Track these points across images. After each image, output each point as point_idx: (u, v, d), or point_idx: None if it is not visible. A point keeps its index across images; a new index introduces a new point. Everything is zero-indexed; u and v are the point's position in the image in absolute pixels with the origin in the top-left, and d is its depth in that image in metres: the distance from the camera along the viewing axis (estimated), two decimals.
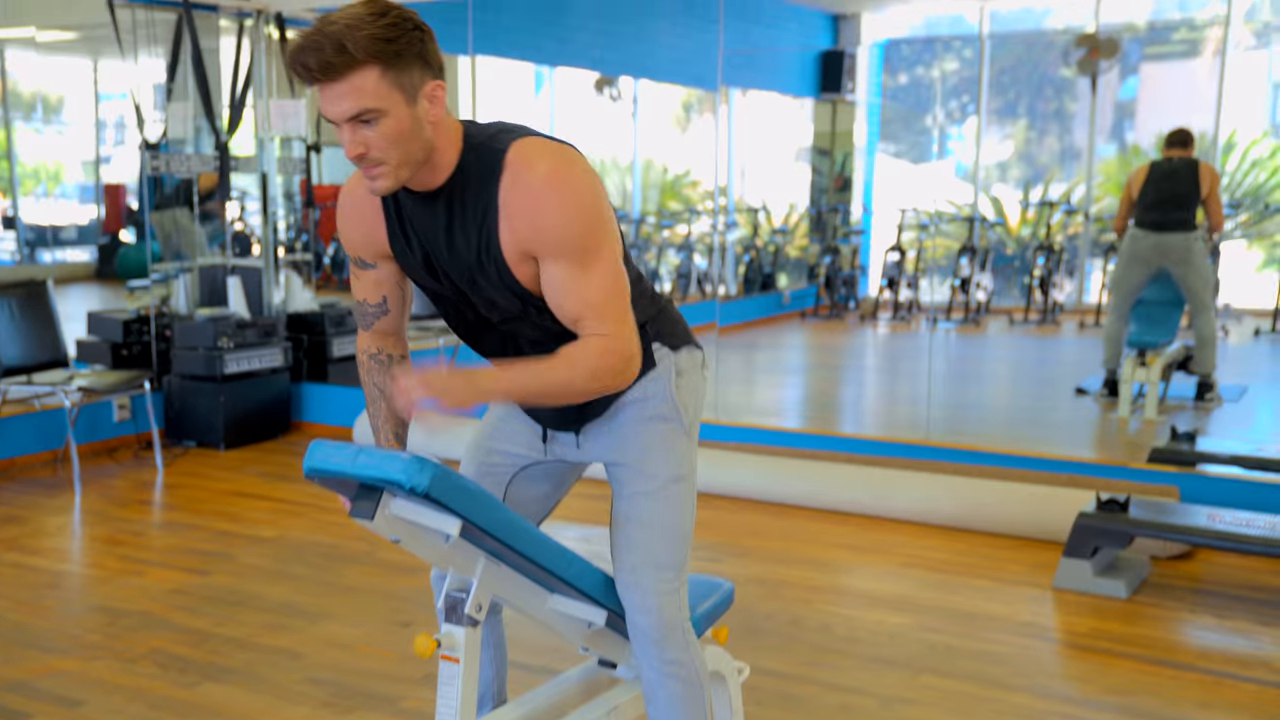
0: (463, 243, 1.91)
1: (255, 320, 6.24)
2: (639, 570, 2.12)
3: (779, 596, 3.93)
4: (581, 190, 1.84)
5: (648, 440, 2.12)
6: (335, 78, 1.73)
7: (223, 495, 5.24)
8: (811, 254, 12.43)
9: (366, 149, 1.79)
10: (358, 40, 1.71)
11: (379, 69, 1.73)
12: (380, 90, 1.74)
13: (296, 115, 6.58)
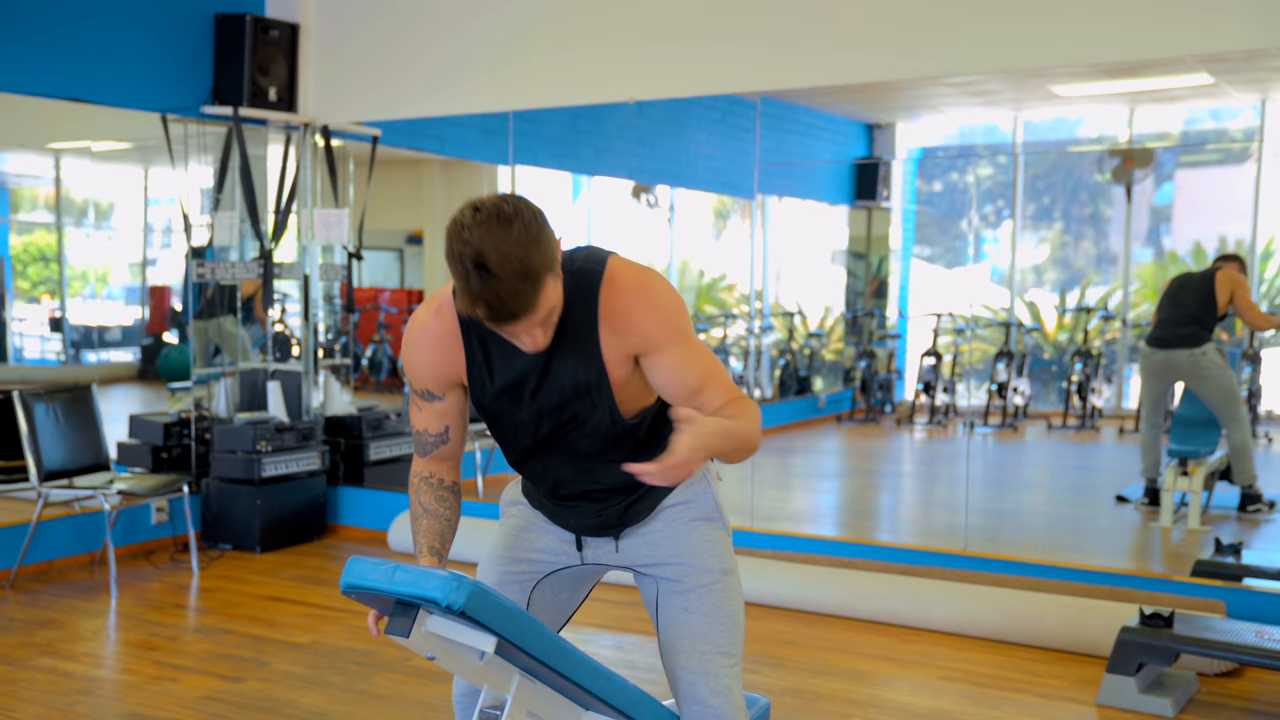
0: (565, 363, 2.03)
1: (294, 424, 6.29)
2: (708, 658, 2.16)
3: (816, 710, 3.87)
4: (668, 289, 2.04)
5: (697, 540, 2.21)
6: (533, 312, 1.86)
7: (257, 600, 5.24)
8: (847, 357, 12.43)
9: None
10: (529, 260, 1.82)
11: (551, 275, 1.87)
12: (551, 287, 1.88)
13: (340, 224, 6.71)
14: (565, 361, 2.04)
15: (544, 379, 2.06)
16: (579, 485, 2.19)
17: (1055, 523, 6.85)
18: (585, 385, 2.05)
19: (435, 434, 2.19)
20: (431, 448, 2.21)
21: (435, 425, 2.18)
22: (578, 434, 2.11)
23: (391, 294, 10.95)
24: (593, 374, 2.04)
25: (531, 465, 2.20)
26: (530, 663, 1.99)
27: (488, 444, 7.29)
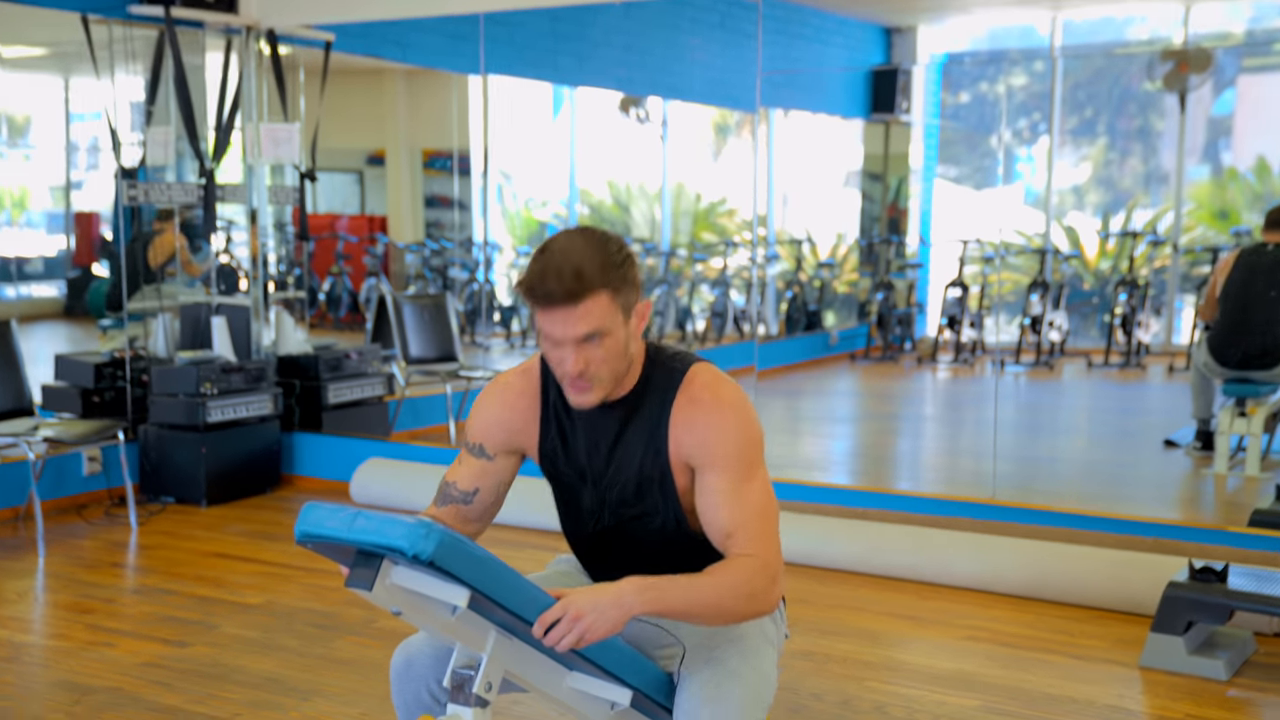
0: (631, 453, 2.22)
1: (242, 364, 6.28)
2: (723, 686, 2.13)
3: (828, 673, 3.90)
4: (748, 414, 2.19)
5: (742, 630, 2.26)
6: (574, 303, 2.05)
7: (203, 557, 5.25)
8: (862, 290, 12.42)
9: (588, 365, 2.11)
10: (591, 265, 2.06)
11: (609, 293, 2.08)
12: (609, 311, 2.08)
13: (290, 141, 6.65)
14: (633, 449, 2.22)
15: (609, 462, 2.24)
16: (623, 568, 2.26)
17: (1094, 470, 6.89)
18: (650, 480, 2.21)
19: (461, 490, 2.33)
20: (450, 501, 2.33)
21: (466, 483, 2.33)
22: (640, 533, 2.26)
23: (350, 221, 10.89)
24: (657, 470, 2.20)
25: (591, 559, 2.37)
26: (507, 618, 1.99)
27: (460, 386, 7.30)
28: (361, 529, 1.92)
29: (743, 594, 2.09)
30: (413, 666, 2.25)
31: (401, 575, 1.96)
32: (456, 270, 10.61)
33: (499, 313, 11.02)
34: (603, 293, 2.07)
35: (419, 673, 2.24)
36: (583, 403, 2.16)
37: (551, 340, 2.11)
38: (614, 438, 2.24)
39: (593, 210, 12.35)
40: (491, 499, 2.35)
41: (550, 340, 2.11)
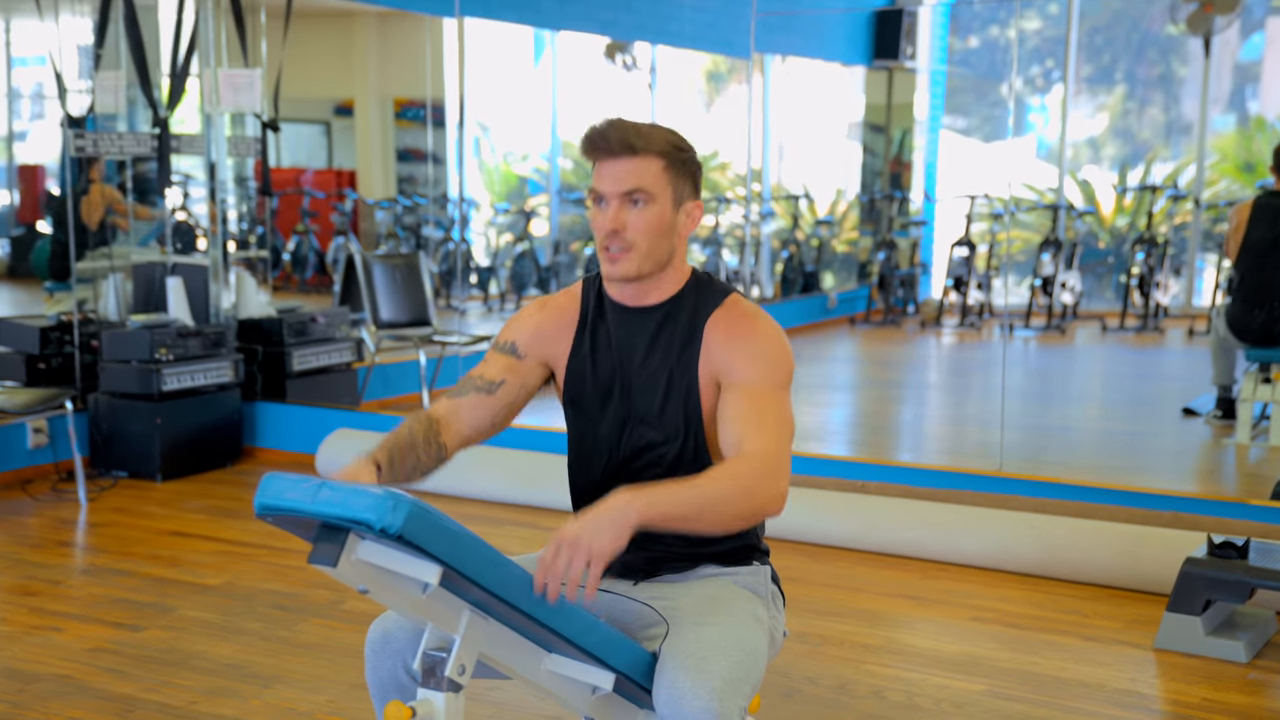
0: (661, 359, 2.34)
1: (200, 328, 6.26)
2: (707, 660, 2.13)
3: (822, 656, 3.92)
4: (784, 344, 2.33)
5: (731, 594, 2.33)
6: (627, 155, 2.25)
7: (158, 535, 5.25)
8: (863, 249, 12.43)
9: (624, 227, 2.26)
10: (656, 135, 2.28)
11: (664, 163, 2.27)
12: (659, 180, 2.26)
13: (251, 88, 6.61)
14: (665, 355, 2.34)
15: (642, 368, 2.35)
16: (632, 549, 2.28)
17: (1108, 440, 6.91)
18: (676, 391, 2.32)
19: (487, 380, 2.40)
20: (470, 392, 2.39)
21: (493, 373, 2.41)
22: (654, 471, 2.32)
23: (316, 175, 10.85)
24: (685, 382, 2.32)
25: (593, 493, 2.35)
26: (482, 596, 1.99)
27: (434, 352, 7.29)
28: (325, 500, 1.91)
29: (739, 489, 2.12)
30: (390, 642, 2.26)
31: (369, 550, 1.95)
32: (430, 228, 10.57)
33: (476, 274, 11.00)
34: (658, 159, 2.26)
35: (397, 649, 2.24)
36: (615, 272, 2.29)
37: (598, 197, 2.28)
38: (649, 340, 2.36)
39: (576, 164, 12.31)
40: (514, 397, 2.41)
41: (596, 197, 2.28)
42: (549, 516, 5.44)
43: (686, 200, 2.32)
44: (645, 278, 2.32)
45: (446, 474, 2.41)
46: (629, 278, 2.31)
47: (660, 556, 2.38)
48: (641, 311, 2.36)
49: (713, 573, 2.40)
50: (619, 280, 2.32)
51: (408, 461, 2.28)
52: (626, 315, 2.38)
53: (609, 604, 2.36)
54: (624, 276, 2.30)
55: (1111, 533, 4.61)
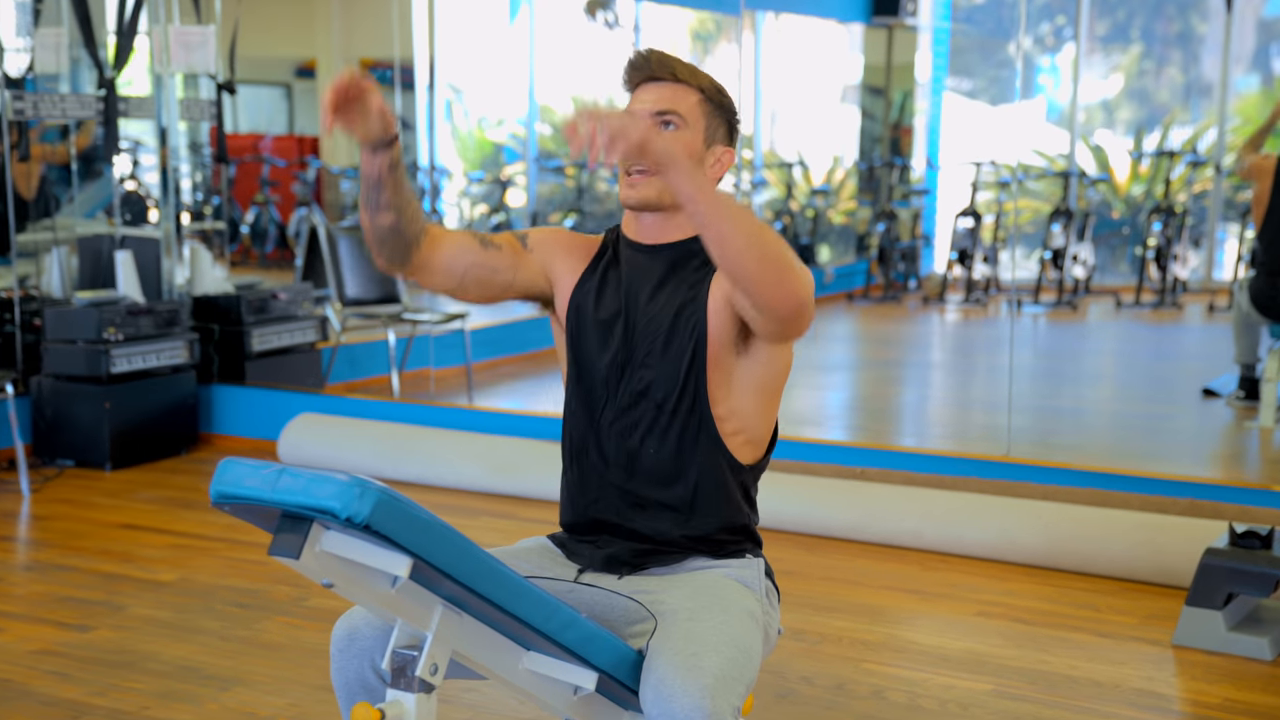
0: (669, 297, 2.38)
1: (151, 305, 6.23)
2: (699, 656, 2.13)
3: (819, 655, 3.92)
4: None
5: (723, 587, 2.34)
6: (667, 79, 2.36)
7: (108, 528, 5.23)
8: (861, 220, 12.42)
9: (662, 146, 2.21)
10: (697, 71, 2.39)
11: (701, 97, 2.37)
12: (694, 110, 2.36)
13: (204, 47, 6.57)
14: (670, 296, 2.37)
15: (650, 300, 2.39)
16: (617, 510, 2.41)
17: (1123, 422, 6.93)
18: (684, 324, 2.35)
19: (486, 237, 2.43)
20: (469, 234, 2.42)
21: (497, 239, 2.43)
22: (650, 425, 2.37)
23: (276, 142, 10.81)
24: (691, 317, 2.34)
25: (584, 461, 2.44)
26: (456, 590, 1.99)
27: (404, 331, 7.27)
28: (286, 488, 1.91)
29: (778, 246, 2.14)
30: (356, 640, 2.26)
31: (333, 541, 1.95)
32: None
33: None
34: (696, 92, 2.36)
35: (364, 647, 2.24)
36: (633, 196, 2.34)
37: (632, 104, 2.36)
38: (659, 279, 2.40)
39: (555, 130, 12.28)
40: (499, 266, 2.41)
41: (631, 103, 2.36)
42: (527, 506, 5.44)
43: (718, 144, 2.39)
44: (665, 210, 2.37)
45: (418, 461, 2.41)
46: (648, 203, 2.35)
47: (647, 549, 2.39)
48: (655, 250, 2.41)
49: (703, 565, 2.40)
50: (637, 205, 2.36)
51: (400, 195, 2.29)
52: (640, 254, 2.42)
53: (592, 600, 2.36)
54: (643, 201, 2.35)
55: (1126, 522, 4.63)
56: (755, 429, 2.41)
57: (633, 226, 2.43)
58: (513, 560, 2.42)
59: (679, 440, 2.37)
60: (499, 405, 7.21)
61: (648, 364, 2.38)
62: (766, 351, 2.36)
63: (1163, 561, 4.47)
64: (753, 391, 2.39)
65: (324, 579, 1.97)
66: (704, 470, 2.37)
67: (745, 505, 2.44)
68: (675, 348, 2.35)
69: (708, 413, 2.36)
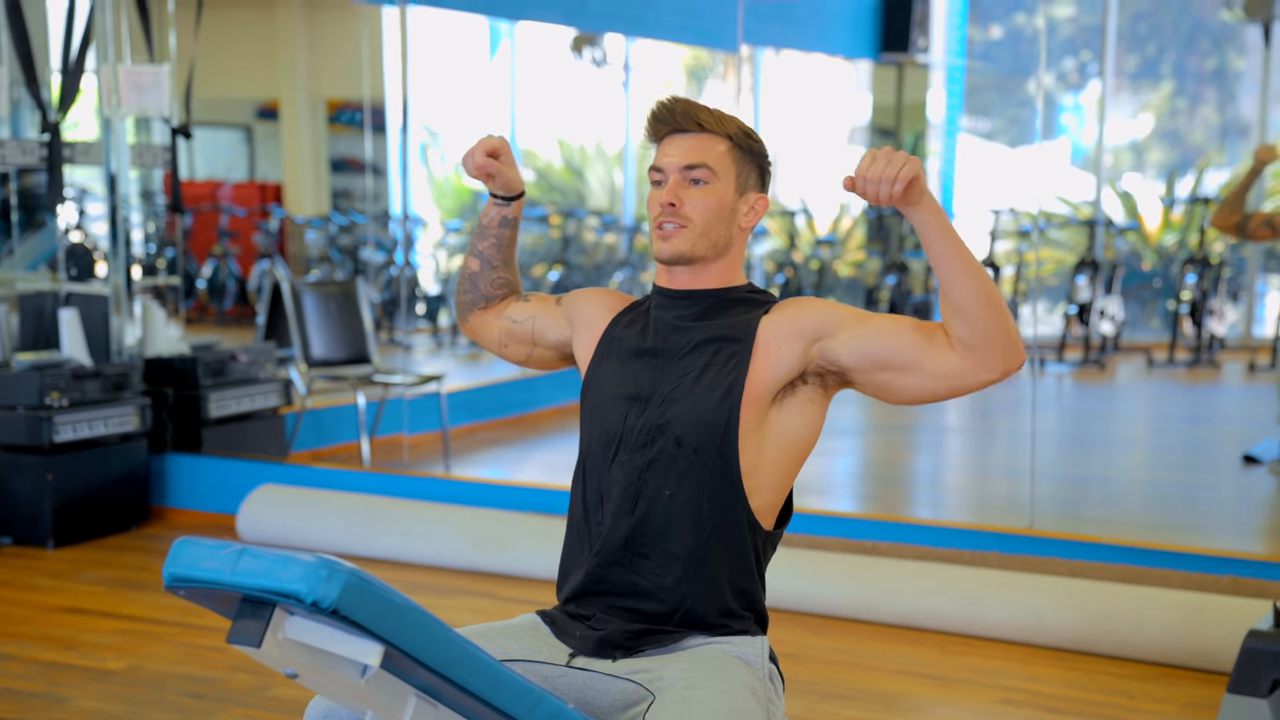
0: (703, 334, 2.47)
1: (99, 368, 6.24)
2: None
3: None
4: None
5: (724, 661, 2.37)
6: (692, 130, 2.46)
7: (49, 612, 5.21)
8: (870, 272, 12.48)
9: (681, 203, 2.44)
10: (726, 117, 2.48)
11: (730, 145, 2.47)
12: (724, 161, 2.46)
13: (158, 88, 6.62)
14: (703, 337, 2.47)
15: (670, 348, 2.48)
16: (619, 562, 2.43)
17: (1156, 492, 6.94)
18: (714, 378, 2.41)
19: (526, 297, 2.72)
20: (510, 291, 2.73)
21: (531, 296, 2.73)
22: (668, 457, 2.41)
23: (236, 189, 10.88)
24: (726, 377, 2.41)
25: (590, 511, 2.48)
26: (431, 679, 1.99)
27: (375, 394, 7.28)
28: (247, 570, 1.91)
29: (1002, 305, 2.27)
30: (333, 717, 2.28)
31: (298, 628, 1.95)
32: (370, 251, 10.59)
33: (424, 303, 11.01)
34: (724, 140, 2.46)
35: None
36: (666, 250, 2.45)
37: (657, 171, 2.47)
38: (693, 320, 2.50)
39: (539, 176, 12.36)
40: (529, 313, 2.69)
41: (656, 173, 2.47)
42: (509, 585, 5.43)
43: (750, 191, 2.50)
44: (697, 261, 2.46)
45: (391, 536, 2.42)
46: (681, 256, 2.45)
47: (642, 629, 2.39)
48: (688, 295, 2.50)
49: (702, 642, 2.42)
50: (670, 259, 2.45)
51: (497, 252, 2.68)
52: (672, 299, 2.52)
53: (584, 685, 2.37)
54: (675, 254, 2.45)
55: (1162, 601, 4.62)
56: (773, 491, 2.44)
57: (664, 277, 2.52)
58: (499, 640, 2.43)
59: (698, 485, 2.39)
60: (479, 475, 7.21)
61: (673, 399, 2.42)
62: (808, 409, 2.44)
63: (1202, 645, 4.47)
64: (779, 450, 2.43)
65: (287, 668, 1.97)
66: (720, 522, 2.40)
67: (756, 573, 2.46)
68: (707, 382, 2.41)
69: (734, 460, 2.39)
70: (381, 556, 5.70)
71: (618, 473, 2.44)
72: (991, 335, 2.25)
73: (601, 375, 2.51)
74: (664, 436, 2.40)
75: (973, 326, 2.24)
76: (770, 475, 2.42)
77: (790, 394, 2.42)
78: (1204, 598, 4.61)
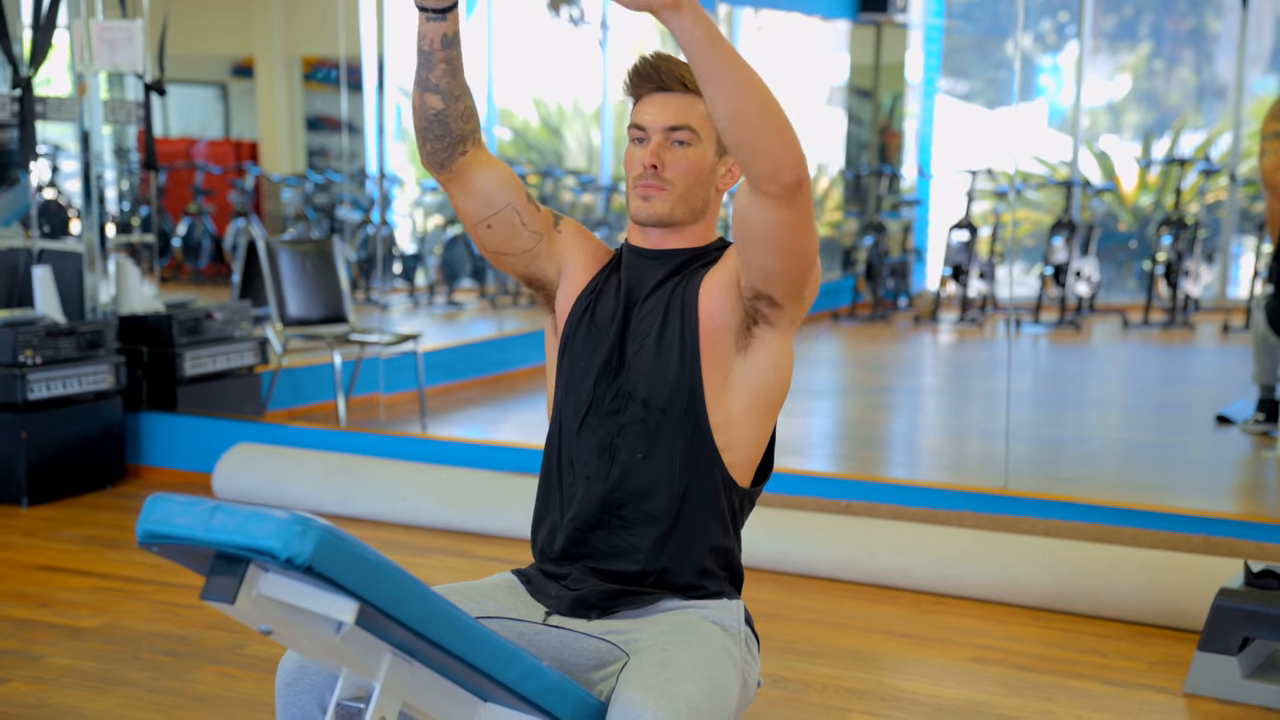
0: (665, 296, 2.47)
1: (73, 326, 6.21)
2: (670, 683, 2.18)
3: (802, 704, 3.93)
4: None
5: (699, 625, 2.39)
6: (676, 89, 2.44)
7: (23, 570, 5.20)
8: (847, 233, 12.48)
9: (663, 165, 2.42)
10: None
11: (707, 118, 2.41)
12: (705, 123, 2.43)
13: (130, 42, 6.57)
14: (665, 296, 2.46)
15: (645, 302, 2.48)
16: (595, 524, 2.43)
17: (1131, 452, 6.96)
18: (666, 321, 2.44)
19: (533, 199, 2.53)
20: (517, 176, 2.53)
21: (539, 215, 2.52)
22: (638, 422, 2.41)
23: (210, 147, 10.80)
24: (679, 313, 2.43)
25: (565, 475, 2.49)
26: (406, 636, 1.99)
27: (351, 353, 7.26)
28: (221, 526, 1.91)
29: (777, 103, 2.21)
30: (306, 674, 2.27)
31: (272, 584, 1.95)
32: (346, 210, 10.55)
33: (400, 262, 10.98)
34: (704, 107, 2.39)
35: (314, 681, 2.26)
36: (644, 210, 2.44)
37: (639, 130, 2.44)
38: (658, 281, 2.49)
39: (516, 135, 12.32)
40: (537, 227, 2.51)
41: (636, 130, 2.44)
42: (484, 543, 5.43)
43: (729, 154, 2.44)
44: (676, 224, 2.47)
45: (366, 495, 2.42)
46: (659, 218, 2.45)
47: (617, 590, 2.40)
48: (659, 255, 2.50)
49: (677, 606, 2.42)
50: (648, 220, 2.45)
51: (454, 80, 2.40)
52: (642, 258, 2.52)
53: (560, 644, 2.37)
54: (654, 216, 2.45)
55: (1134, 560, 4.64)
56: (748, 447, 2.46)
57: (638, 236, 2.52)
58: (476, 597, 2.44)
59: (669, 445, 2.41)
60: (455, 434, 7.20)
61: (636, 362, 2.44)
62: (768, 355, 2.43)
63: (1174, 603, 4.49)
64: (749, 402, 2.44)
65: (262, 625, 1.97)
66: (695, 481, 2.41)
67: (733, 531, 2.47)
68: (666, 341, 2.43)
69: (703, 418, 2.41)
70: (357, 515, 5.69)
71: (590, 437, 2.45)
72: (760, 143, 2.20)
73: (579, 339, 2.51)
74: (633, 401, 2.44)
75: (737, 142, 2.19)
76: (742, 430, 2.43)
77: (748, 342, 2.43)
78: (1176, 556, 4.63)
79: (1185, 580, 4.50)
